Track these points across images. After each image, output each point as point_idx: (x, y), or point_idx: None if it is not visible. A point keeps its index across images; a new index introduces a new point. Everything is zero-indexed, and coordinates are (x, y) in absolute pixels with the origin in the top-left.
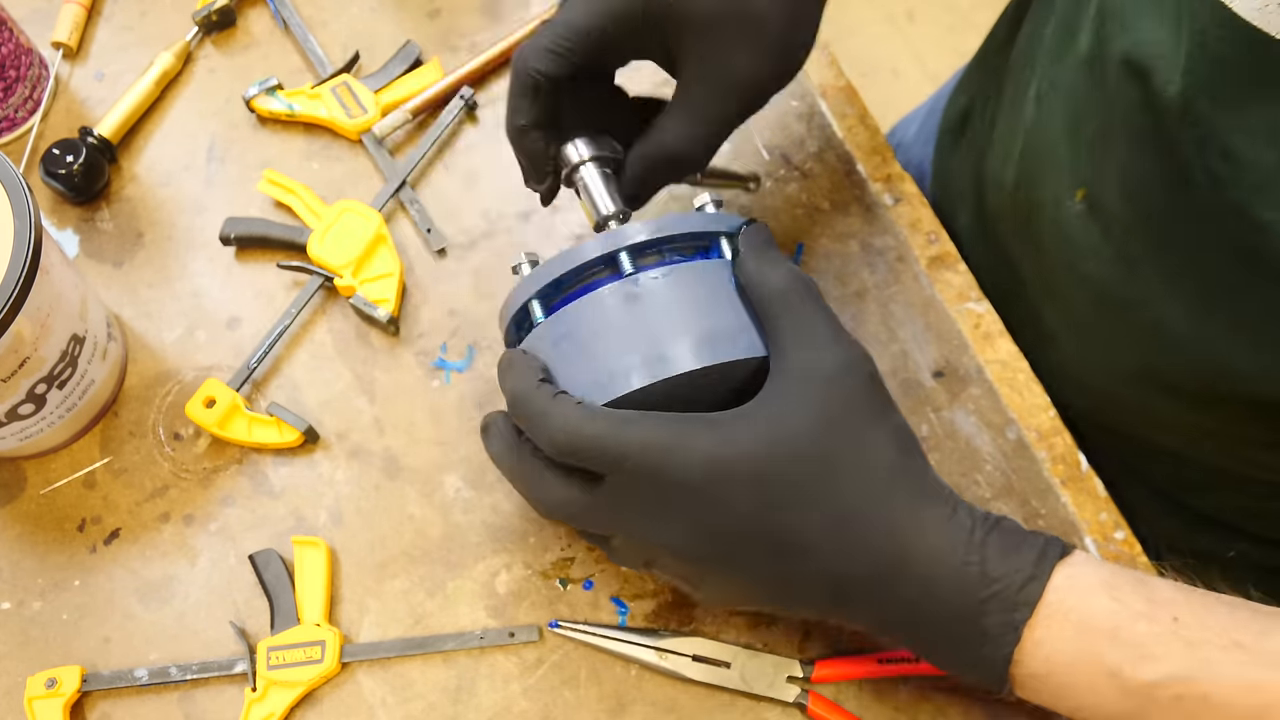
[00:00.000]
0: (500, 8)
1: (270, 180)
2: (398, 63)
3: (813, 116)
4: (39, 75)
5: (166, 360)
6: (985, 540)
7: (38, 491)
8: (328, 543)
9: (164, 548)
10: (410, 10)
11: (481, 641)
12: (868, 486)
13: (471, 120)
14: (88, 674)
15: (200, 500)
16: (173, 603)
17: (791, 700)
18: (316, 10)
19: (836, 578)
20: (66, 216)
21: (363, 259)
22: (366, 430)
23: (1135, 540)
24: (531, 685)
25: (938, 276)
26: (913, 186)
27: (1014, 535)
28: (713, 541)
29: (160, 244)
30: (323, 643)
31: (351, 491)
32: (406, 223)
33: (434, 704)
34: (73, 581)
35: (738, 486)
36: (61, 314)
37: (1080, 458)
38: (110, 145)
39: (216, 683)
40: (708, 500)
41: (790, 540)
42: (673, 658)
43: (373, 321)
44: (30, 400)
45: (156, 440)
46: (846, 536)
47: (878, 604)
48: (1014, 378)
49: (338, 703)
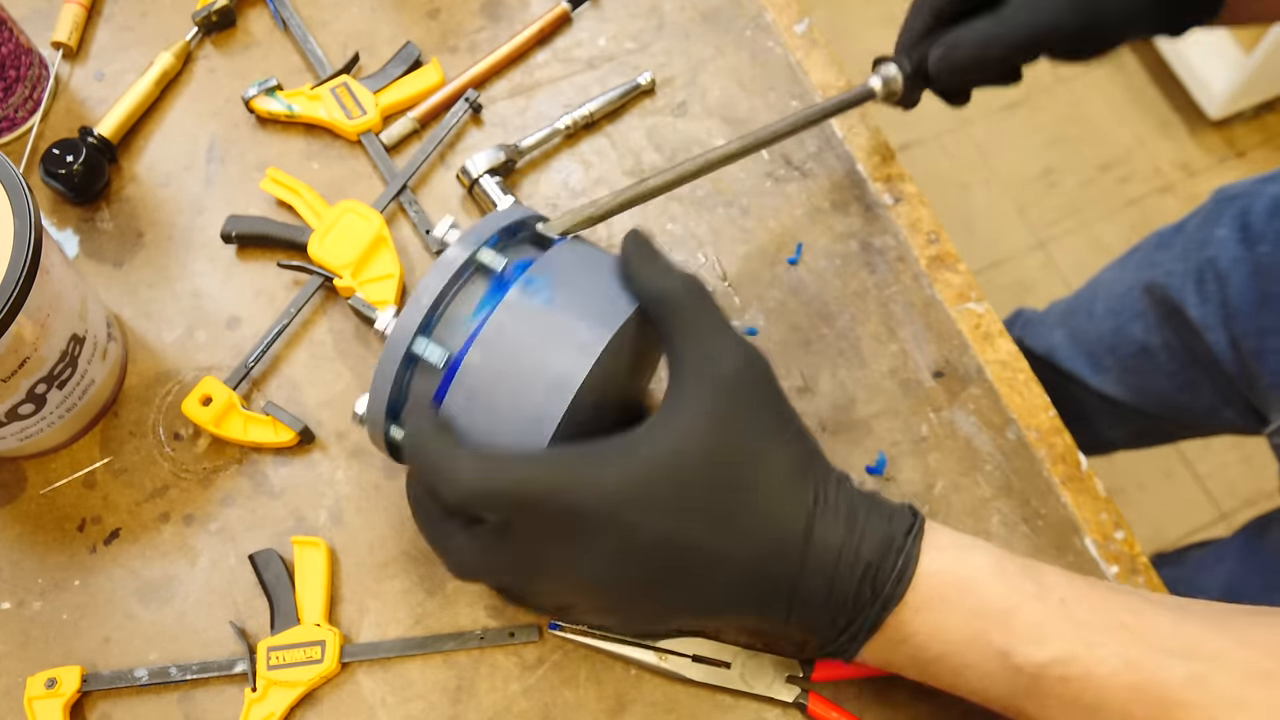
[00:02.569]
0: (500, 8)
1: (273, 179)
2: (397, 63)
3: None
4: (39, 75)
5: (166, 360)
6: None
7: (38, 491)
8: (328, 543)
9: (164, 548)
10: (410, 11)
11: (481, 641)
12: (774, 484)
13: (476, 122)
14: (88, 674)
15: (200, 500)
16: (173, 603)
17: (791, 700)
18: (316, 10)
19: (746, 582)
20: (66, 216)
21: (363, 260)
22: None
23: (1135, 540)
24: (531, 685)
25: (938, 276)
26: (913, 186)
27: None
28: (627, 569)
29: (160, 244)
30: (323, 643)
31: (351, 491)
32: (405, 222)
33: (434, 704)
34: (73, 581)
35: (648, 512)
36: (61, 314)
37: (1080, 458)
38: (110, 145)
39: (216, 683)
40: (619, 526)
41: (704, 554)
42: (673, 658)
43: (372, 323)
44: (30, 400)
45: (156, 440)
46: (760, 537)
47: (789, 598)
48: (1014, 378)
49: (338, 703)
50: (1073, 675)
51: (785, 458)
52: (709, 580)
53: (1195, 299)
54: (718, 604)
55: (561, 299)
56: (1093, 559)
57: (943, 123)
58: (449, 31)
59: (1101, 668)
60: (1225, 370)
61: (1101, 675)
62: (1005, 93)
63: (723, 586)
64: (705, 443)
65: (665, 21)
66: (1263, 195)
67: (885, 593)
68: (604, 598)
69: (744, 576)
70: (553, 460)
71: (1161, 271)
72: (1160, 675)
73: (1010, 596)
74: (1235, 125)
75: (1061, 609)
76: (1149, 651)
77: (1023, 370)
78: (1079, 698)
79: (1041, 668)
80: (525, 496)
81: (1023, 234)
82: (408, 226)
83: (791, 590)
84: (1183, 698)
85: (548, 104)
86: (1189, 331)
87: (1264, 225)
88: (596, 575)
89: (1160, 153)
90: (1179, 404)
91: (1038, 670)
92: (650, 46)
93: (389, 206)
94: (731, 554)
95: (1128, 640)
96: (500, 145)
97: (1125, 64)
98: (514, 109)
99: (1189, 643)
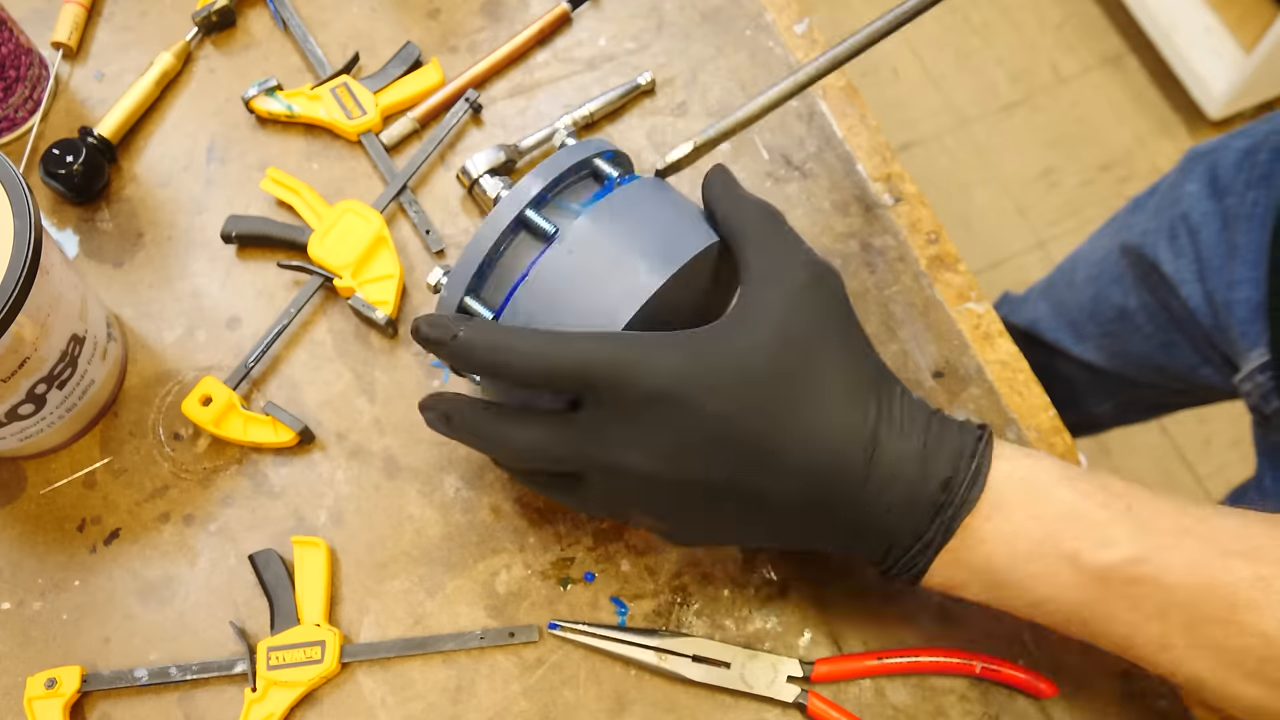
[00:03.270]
0: (500, 8)
1: (273, 179)
2: (397, 63)
3: (813, 117)
4: (39, 75)
5: (166, 360)
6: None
7: (38, 491)
8: (328, 543)
9: (164, 548)
10: (410, 11)
11: (481, 641)
12: (839, 390)
13: (476, 122)
14: (88, 674)
15: (200, 500)
16: (173, 603)
17: (791, 700)
18: (316, 10)
19: (806, 484)
20: (66, 216)
21: (363, 260)
22: (366, 430)
23: None
24: (531, 685)
25: (938, 276)
26: (913, 186)
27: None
28: (688, 456)
29: (160, 244)
30: (323, 643)
31: (351, 491)
32: (405, 222)
33: (434, 704)
34: (73, 581)
35: (711, 394)
36: (61, 314)
37: (1081, 458)
38: (110, 145)
39: (216, 683)
40: (682, 411)
41: (764, 447)
42: (673, 658)
43: (371, 323)
44: (30, 400)
45: (156, 440)
46: (817, 442)
47: (843, 508)
48: (1014, 378)
49: (338, 703)
50: (1141, 577)
51: (851, 367)
52: (767, 478)
53: (1169, 254)
54: (775, 508)
55: (650, 215)
56: None
57: (943, 123)
58: (449, 31)
59: (1169, 570)
60: (1201, 324)
61: (1169, 578)
62: (1005, 93)
63: (781, 487)
64: (771, 343)
65: (665, 21)
66: (1230, 149)
67: (959, 496)
68: (653, 495)
69: (805, 478)
70: (622, 338)
71: (1136, 232)
72: (1226, 578)
73: (1079, 502)
74: (1235, 125)
75: (1129, 514)
76: (1215, 555)
77: (1023, 370)
78: (1146, 600)
79: (1110, 569)
80: (593, 368)
81: (1023, 234)
82: (408, 227)
83: (856, 498)
84: (1250, 598)
85: (548, 104)
86: (1165, 289)
87: (1231, 178)
88: (657, 457)
89: (1160, 153)
90: (1159, 366)
91: (1106, 573)
92: (650, 46)
93: (389, 207)
94: (792, 452)
95: (1194, 544)
96: (500, 145)
97: (1125, 64)
98: (514, 109)
99: (1254, 546)
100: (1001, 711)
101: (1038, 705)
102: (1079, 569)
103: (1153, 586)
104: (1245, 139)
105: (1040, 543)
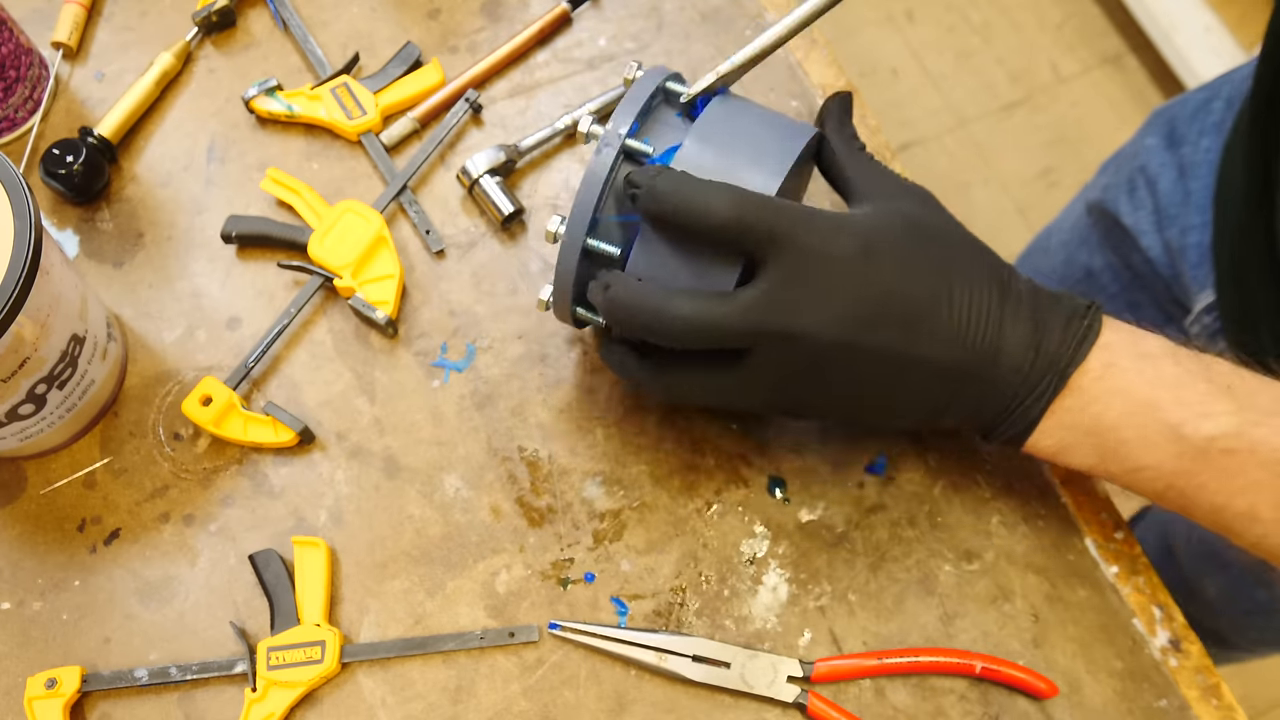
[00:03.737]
0: (500, 8)
1: (273, 179)
2: (397, 64)
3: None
4: (39, 75)
5: (166, 360)
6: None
7: (38, 491)
8: (328, 543)
9: (164, 548)
10: (410, 11)
11: (481, 641)
12: (974, 270)
13: (476, 122)
14: (88, 674)
15: (200, 500)
16: (173, 603)
17: (791, 700)
18: (316, 10)
19: (955, 350)
20: (66, 216)
21: (363, 260)
22: (366, 430)
23: (1135, 540)
24: (531, 685)
25: None
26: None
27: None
28: (862, 321)
29: (160, 244)
30: (323, 643)
31: (351, 491)
32: (405, 222)
33: (434, 704)
34: (73, 581)
35: (882, 263)
36: (61, 314)
37: None
38: (110, 145)
39: (216, 683)
40: (858, 276)
41: (924, 313)
42: (673, 658)
43: (371, 323)
44: (30, 400)
45: (156, 440)
46: (962, 312)
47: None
48: None
49: (338, 703)
50: (1238, 449)
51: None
52: (924, 344)
53: (1128, 206)
54: (924, 375)
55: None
56: (1093, 559)
57: (943, 123)
58: (449, 31)
59: (1264, 446)
60: (1161, 276)
61: (1264, 453)
62: (1005, 93)
63: (935, 353)
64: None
65: (665, 21)
66: (1188, 103)
67: (1071, 351)
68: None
69: (954, 345)
70: (798, 205)
71: (1100, 188)
72: None
73: (1183, 375)
74: None
75: (1229, 391)
76: None
77: None
78: (1239, 472)
79: (1209, 440)
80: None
81: (1023, 234)
82: (408, 226)
83: (993, 360)
84: None
85: (548, 104)
86: (1127, 244)
87: (1186, 128)
88: (834, 322)
89: None
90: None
91: (1205, 443)
92: (650, 46)
93: (389, 207)
94: (944, 320)
95: None
96: (500, 145)
97: (1125, 64)
98: (514, 109)
99: None
100: (1001, 711)
101: (1038, 705)
102: (1179, 438)
103: (1247, 460)
104: (1204, 92)
105: (1146, 407)
